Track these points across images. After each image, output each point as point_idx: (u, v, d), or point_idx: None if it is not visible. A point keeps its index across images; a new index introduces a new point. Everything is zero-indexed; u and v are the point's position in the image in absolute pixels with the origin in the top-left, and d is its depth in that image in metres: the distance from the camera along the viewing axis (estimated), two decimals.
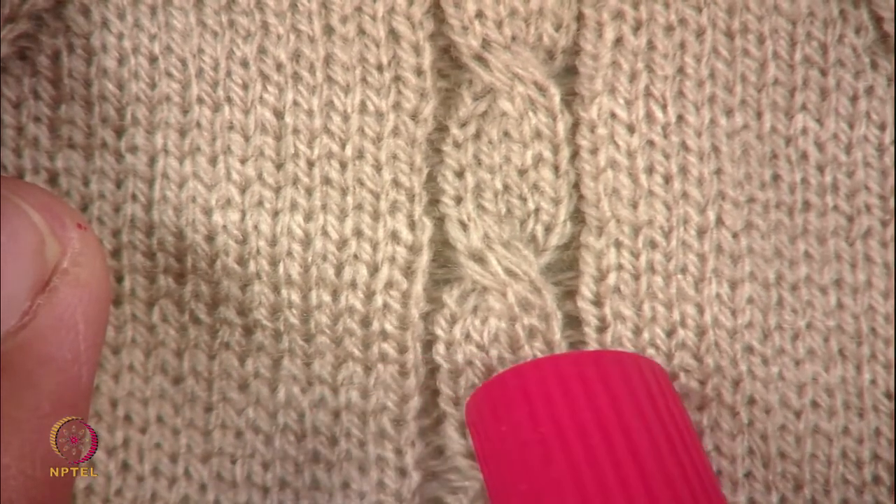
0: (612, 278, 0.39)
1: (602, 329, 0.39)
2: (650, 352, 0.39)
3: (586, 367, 0.35)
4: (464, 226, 0.39)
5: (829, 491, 0.39)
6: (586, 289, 0.39)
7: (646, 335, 0.39)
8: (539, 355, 0.39)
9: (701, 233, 0.39)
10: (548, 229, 0.39)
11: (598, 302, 0.39)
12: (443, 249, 0.39)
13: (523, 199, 0.39)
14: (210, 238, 0.38)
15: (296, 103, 0.38)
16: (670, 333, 0.39)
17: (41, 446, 0.31)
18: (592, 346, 0.39)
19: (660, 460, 0.33)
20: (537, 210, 0.39)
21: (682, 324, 0.39)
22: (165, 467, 0.39)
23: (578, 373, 0.35)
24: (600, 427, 0.33)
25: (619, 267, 0.39)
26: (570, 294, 0.40)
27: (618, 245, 0.39)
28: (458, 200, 0.39)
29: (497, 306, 0.39)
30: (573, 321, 0.39)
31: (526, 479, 0.34)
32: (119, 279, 0.38)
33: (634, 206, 0.39)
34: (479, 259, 0.39)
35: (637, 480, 0.33)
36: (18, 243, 0.31)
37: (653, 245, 0.39)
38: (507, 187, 0.39)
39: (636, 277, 0.39)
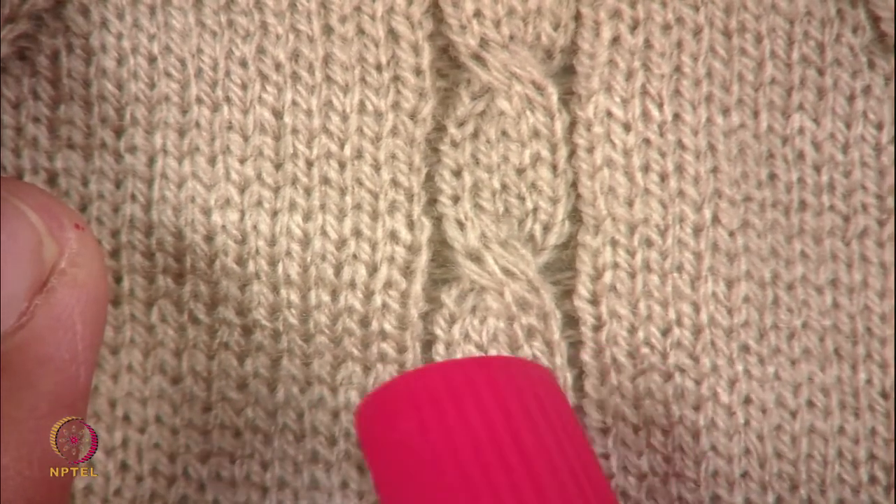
0: (608, 277, 0.39)
1: (598, 328, 0.39)
2: (645, 350, 0.39)
3: (474, 372, 0.34)
4: (461, 225, 0.39)
5: (825, 491, 0.39)
6: (583, 287, 0.39)
7: (641, 334, 0.39)
8: (538, 355, 0.39)
9: (697, 231, 0.39)
10: (546, 228, 0.39)
11: (594, 300, 0.39)
12: (441, 249, 0.39)
13: (521, 199, 0.39)
14: (209, 238, 0.38)
15: (295, 103, 0.38)
16: (666, 332, 0.39)
17: (39, 447, 0.31)
18: (589, 344, 0.39)
19: (551, 464, 0.33)
20: (535, 209, 0.39)
21: (677, 322, 0.39)
22: (164, 467, 0.39)
23: (467, 379, 0.34)
24: (490, 433, 0.33)
25: (615, 265, 0.39)
26: (569, 293, 0.40)
27: (614, 243, 0.39)
28: (456, 200, 0.39)
29: (495, 306, 0.39)
30: (573, 321, 0.40)
31: (418, 488, 0.33)
32: (118, 279, 0.38)
33: (630, 204, 0.39)
34: (477, 259, 0.39)
35: (529, 486, 0.32)
36: (16, 244, 0.31)
37: (649, 243, 0.39)
38: (505, 186, 0.39)
39: (632, 276, 0.39)
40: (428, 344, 0.39)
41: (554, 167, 0.39)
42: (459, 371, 0.35)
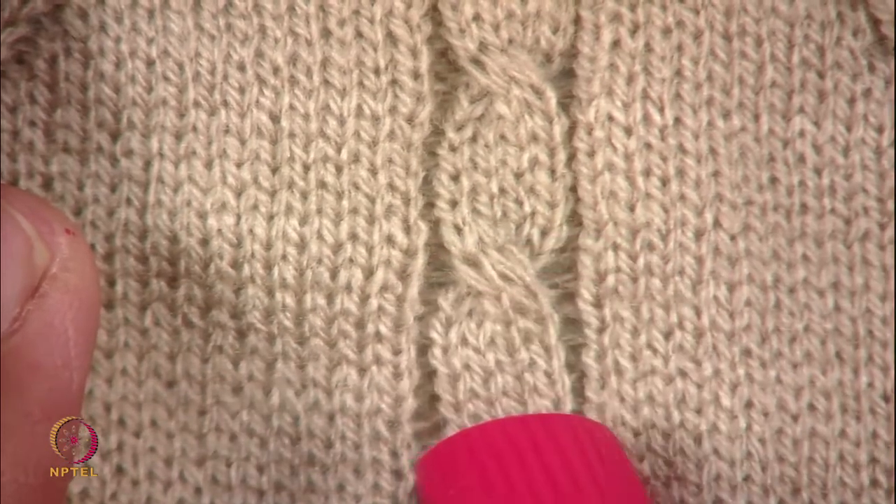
0: (610, 280, 0.39)
1: (602, 330, 0.39)
2: (647, 353, 0.39)
3: (535, 428, 0.35)
4: (458, 230, 0.39)
5: (827, 494, 0.39)
6: (586, 291, 0.39)
7: (643, 337, 0.39)
8: (536, 359, 0.39)
9: (698, 235, 0.39)
10: (544, 233, 0.39)
11: (597, 304, 0.39)
12: (438, 253, 0.39)
13: (519, 203, 0.39)
14: (204, 242, 0.38)
15: (292, 107, 0.38)
16: (668, 336, 0.39)
17: (35, 453, 0.31)
18: (593, 347, 0.39)
19: None
20: (533, 213, 0.39)
21: (679, 326, 0.39)
22: (160, 471, 0.39)
23: (528, 435, 0.35)
24: (553, 490, 0.34)
25: (617, 269, 0.39)
26: (568, 296, 0.39)
27: (615, 248, 0.39)
28: (454, 204, 0.39)
29: (492, 310, 0.39)
30: (572, 324, 0.39)
31: None
32: (111, 283, 0.38)
33: (632, 208, 0.39)
34: (474, 263, 0.39)
35: None
36: (8, 249, 0.31)
37: (650, 247, 0.39)
38: (503, 190, 0.39)
39: (634, 280, 0.39)
40: (424, 348, 0.39)
41: (552, 171, 0.39)
42: (520, 427, 0.35)
